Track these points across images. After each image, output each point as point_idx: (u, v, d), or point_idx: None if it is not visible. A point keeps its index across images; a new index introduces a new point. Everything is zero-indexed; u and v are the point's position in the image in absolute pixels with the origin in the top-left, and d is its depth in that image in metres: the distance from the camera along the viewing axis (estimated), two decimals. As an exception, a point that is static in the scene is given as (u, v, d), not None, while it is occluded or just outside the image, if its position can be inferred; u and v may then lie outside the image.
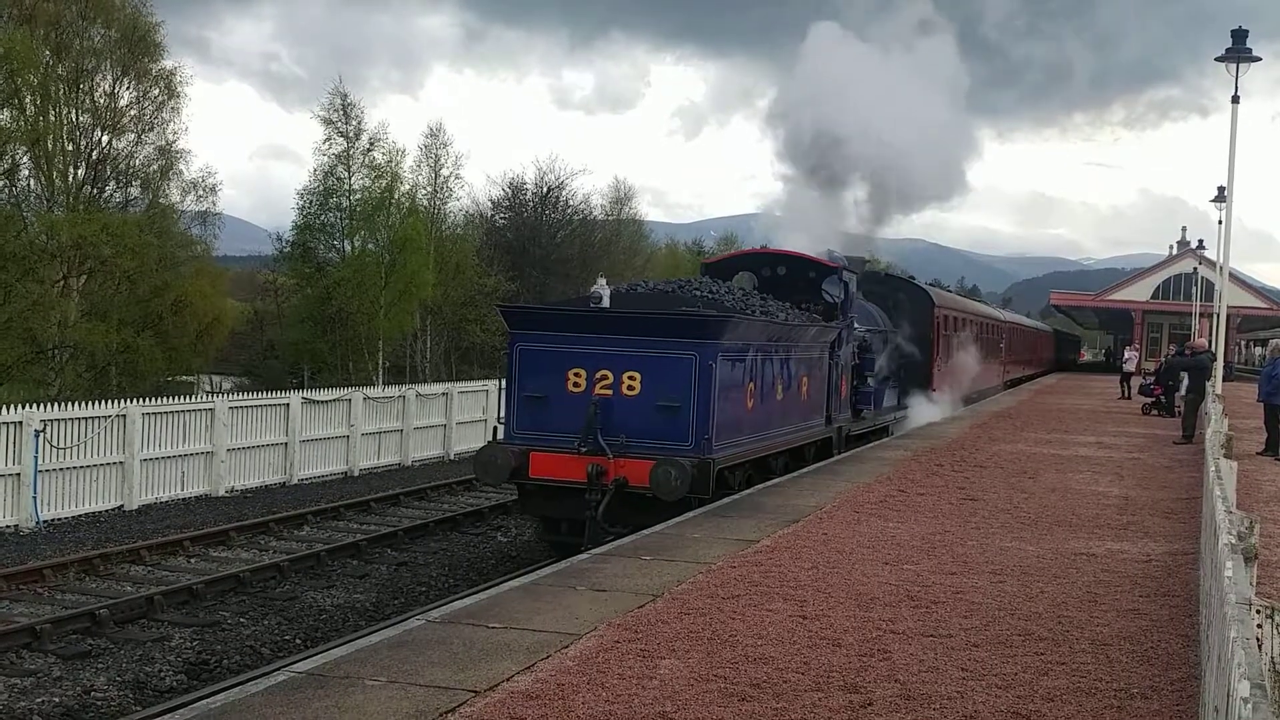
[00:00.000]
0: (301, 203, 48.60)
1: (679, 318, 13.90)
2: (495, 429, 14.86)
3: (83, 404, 18.93)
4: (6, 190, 37.93)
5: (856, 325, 20.81)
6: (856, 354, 20.50)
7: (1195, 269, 61.60)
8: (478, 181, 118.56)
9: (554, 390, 13.95)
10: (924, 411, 26.28)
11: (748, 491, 14.55)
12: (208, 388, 44.54)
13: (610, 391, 13.70)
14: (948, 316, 28.93)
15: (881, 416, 23.10)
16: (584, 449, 13.60)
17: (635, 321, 13.84)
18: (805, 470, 16.87)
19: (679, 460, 13.10)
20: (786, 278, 19.63)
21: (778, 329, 15.96)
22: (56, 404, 20.10)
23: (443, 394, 27.25)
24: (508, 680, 6.76)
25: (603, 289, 14.46)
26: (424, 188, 52.48)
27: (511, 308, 16.08)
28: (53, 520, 17.34)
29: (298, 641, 12.39)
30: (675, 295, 15.49)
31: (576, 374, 13.83)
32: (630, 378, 13.67)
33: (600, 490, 13.47)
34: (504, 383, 14.68)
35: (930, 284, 33.85)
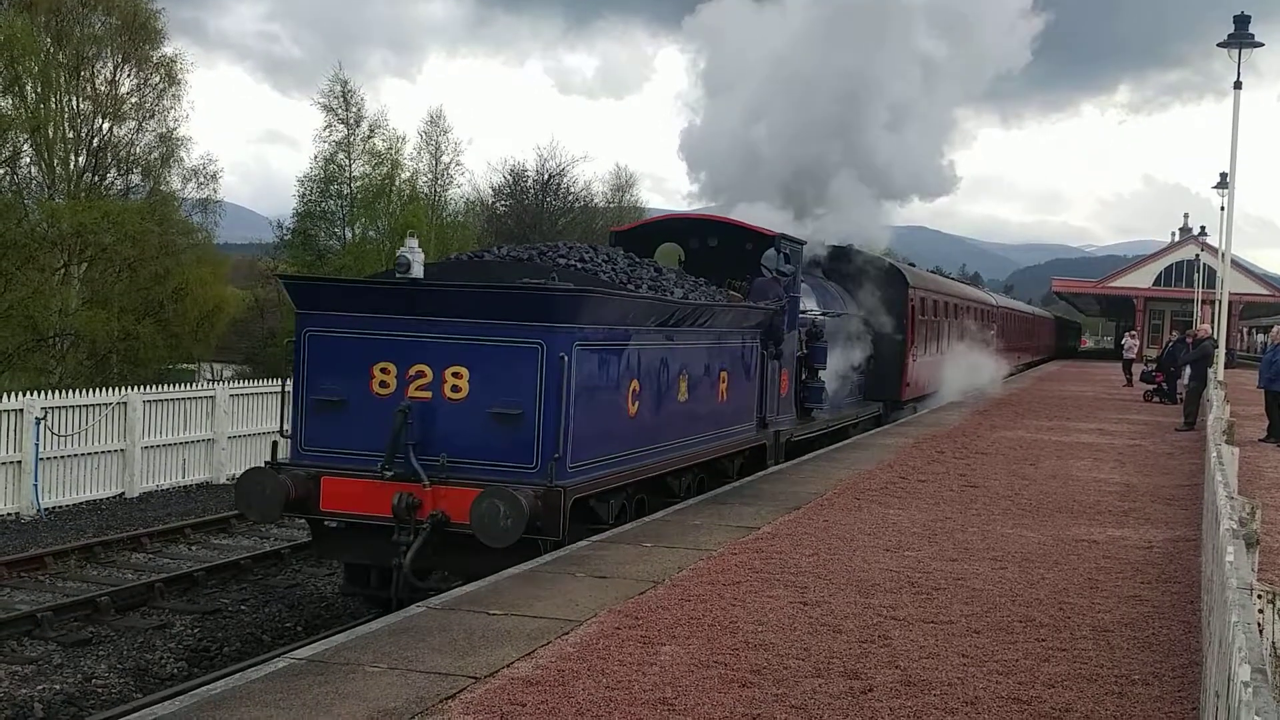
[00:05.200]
0: (302, 190, 48.67)
1: (516, 293, 10.45)
2: (274, 445, 11.51)
3: (84, 391, 18.95)
4: (8, 178, 37.89)
5: (808, 307, 17.89)
6: (805, 342, 17.22)
7: (1197, 256, 61.55)
8: (478, 168, 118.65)
9: (355, 392, 10.60)
10: (896, 408, 23.96)
11: (749, 479, 14.48)
12: (209, 375, 44.56)
13: (429, 394, 10.37)
14: (925, 299, 25.99)
15: (841, 416, 20.24)
16: (390, 473, 10.23)
17: (459, 298, 10.48)
18: (806, 457, 16.78)
19: (509, 491, 9.74)
20: (720, 250, 16.60)
21: (675, 310, 12.39)
22: (57, 391, 20.11)
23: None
24: (508, 666, 6.75)
25: (411, 253, 10.66)
26: (425, 174, 52.51)
27: (295, 279, 12.15)
28: (54, 508, 17.35)
29: (299, 629, 12.40)
30: (528, 264, 11.91)
31: (384, 370, 10.52)
32: (456, 375, 10.34)
33: (412, 529, 10.14)
34: (288, 382, 11.25)
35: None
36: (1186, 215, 77.54)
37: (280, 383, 15.43)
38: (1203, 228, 65.72)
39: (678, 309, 12.47)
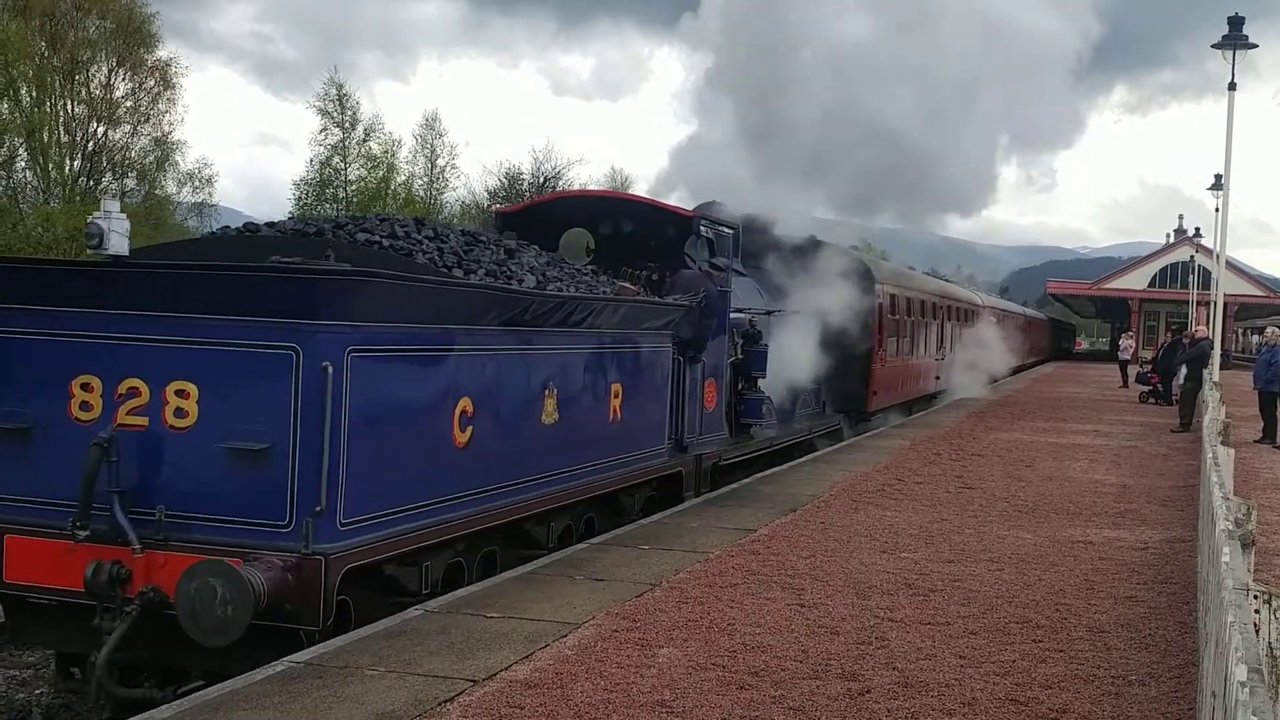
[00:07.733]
0: (298, 193, 48.78)
1: (258, 277, 7.50)
2: None
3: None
4: (3, 182, 37.92)
5: (749, 304, 15.24)
6: (739, 346, 14.55)
7: (1192, 257, 61.69)
8: (474, 171, 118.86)
9: (48, 416, 7.70)
10: (862, 420, 21.68)
11: (746, 481, 14.47)
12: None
13: (144, 420, 7.47)
14: (896, 297, 23.39)
15: (792, 431, 17.54)
16: (84, 532, 7.38)
17: (182, 285, 7.57)
18: (803, 459, 16.76)
19: (227, 565, 6.92)
20: (635, 236, 14.11)
21: (528, 304, 9.37)
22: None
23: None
24: (506, 669, 6.76)
25: (106, 219, 7.88)
26: (420, 178, 52.63)
27: None
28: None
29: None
30: (311, 240, 8.84)
31: (86, 386, 7.60)
32: (180, 394, 7.44)
33: (118, 611, 7.34)
34: None
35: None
36: (1181, 217, 77.77)
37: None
38: (1197, 229, 65.94)
39: (532, 303, 9.39)
